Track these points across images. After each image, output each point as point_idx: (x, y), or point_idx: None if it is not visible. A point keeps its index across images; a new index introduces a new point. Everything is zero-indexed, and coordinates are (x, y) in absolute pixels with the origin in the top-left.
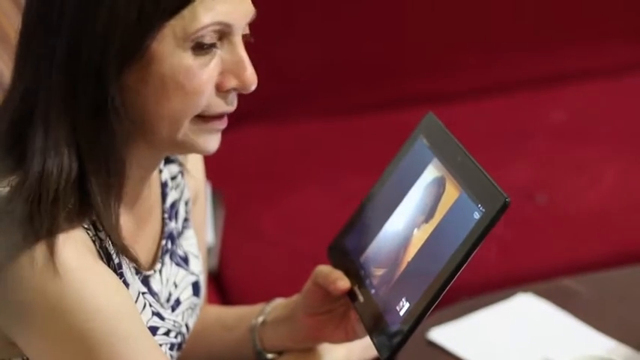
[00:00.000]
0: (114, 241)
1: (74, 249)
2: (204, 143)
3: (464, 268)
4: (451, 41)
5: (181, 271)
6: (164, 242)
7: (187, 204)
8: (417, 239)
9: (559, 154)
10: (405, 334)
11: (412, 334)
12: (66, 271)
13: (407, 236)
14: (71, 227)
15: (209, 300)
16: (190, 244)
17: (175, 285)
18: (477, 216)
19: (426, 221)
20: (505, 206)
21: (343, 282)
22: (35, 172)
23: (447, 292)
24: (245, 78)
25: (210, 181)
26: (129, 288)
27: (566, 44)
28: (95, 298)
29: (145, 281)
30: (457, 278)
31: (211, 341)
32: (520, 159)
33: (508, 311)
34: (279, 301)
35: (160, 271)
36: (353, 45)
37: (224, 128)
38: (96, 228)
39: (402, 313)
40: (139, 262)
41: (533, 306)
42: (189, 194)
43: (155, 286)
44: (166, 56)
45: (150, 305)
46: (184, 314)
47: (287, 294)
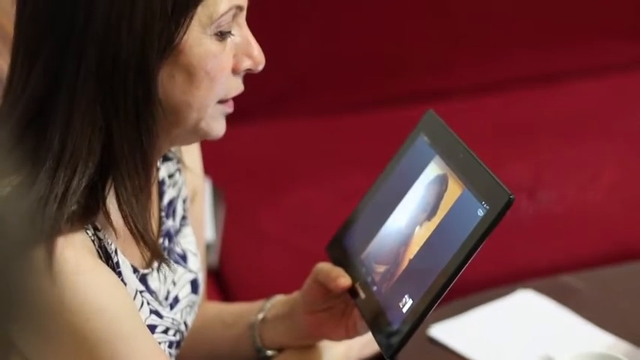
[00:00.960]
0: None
1: (74, 250)
2: (218, 127)
3: (467, 265)
4: (450, 38)
5: (180, 269)
6: (161, 241)
7: (185, 202)
8: (419, 237)
9: (559, 152)
10: (408, 332)
11: (415, 331)
12: (66, 273)
13: (409, 234)
14: (72, 230)
15: (209, 296)
16: (188, 242)
17: (174, 283)
18: (481, 213)
19: (428, 219)
20: (509, 203)
21: (344, 279)
22: (47, 175)
23: (449, 289)
24: (255, 57)
25: (211, 178)
26: (126, 286)
27: (565, 42)
28: (95, 298)
29: (143, 280)
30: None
31: (211, 338)
32: (520, 156)
33: (508, 308)
34: (279, 298)
35: (158, 270)
36: (353, 42)
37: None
38: (95, 227)
39: (405, 311)
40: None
41: (533, 303)
42: (186, 192)
43: (153, 285)
44: (194, 45)
45: (148, 303)
46: (183, 312)
47: (287, 291)
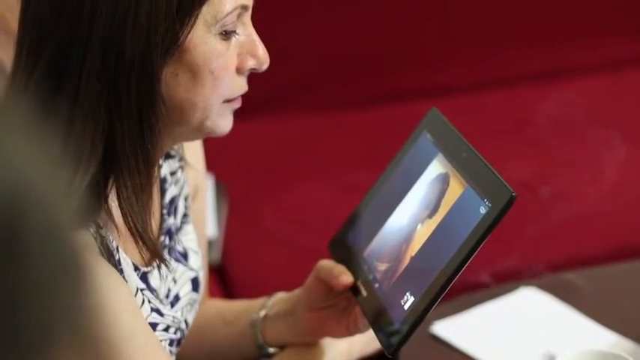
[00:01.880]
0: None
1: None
2: (225, 125)
3: (469, 263)
4: (452, 35)
5: (180, 267)
6: (162, 238)
7: (187, 199)
8: (421, 234)
9: (560, 149)
10: (410, 329)
11: (417, 329)
12: None
13: (411, 231)
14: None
15: (211, 293)
16: (189, 240)
17: (174, 281)
18: (483, 211)
19: (430, 216)
20: (512, 201)
21: (346, 276)
22: None
23: (450, 287)
24: (260, 56)
25: (213, 175)
26: (127, 284)
27: (567, 39)
28: (97, 296)
29: (144, 278)
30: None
31: (212, 335)
32: (521, 153)
33: (511, 305)
34: (280, 295)
35: (159, 267)
36: (354, 39)
37: None
38: (97, 225)
39: (407, 308)
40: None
41: (536, 300)
42: (188, 189)
43: (154, 283)
44: (199, 44)
45: (149, 301)
46: (183, 310)
47: (289, 287)
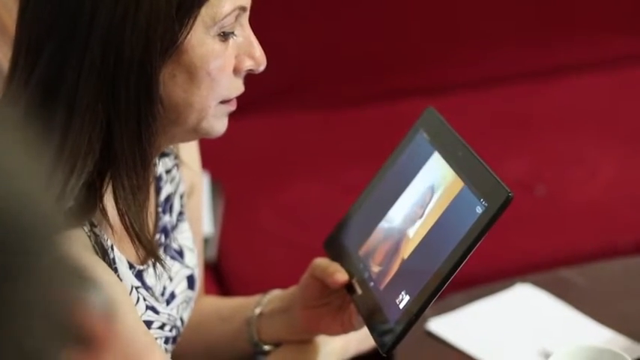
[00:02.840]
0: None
1: (69, 246)
2: (220, 126)
3: (465, 262)
4: (449, 33)
5: (176, 265)
6: (157, 236)
7: (182, 197)
8: (417, 233)
9: (557, 147)
10: (405, 327)
11: (412, 327)
12: None
13: (406, 230)
14: (69, 227)
15: (207, 290)
16: (185, 238)
17: (170, 278)
18: (480, 210)
19: (426, 215)
20: (508, 201)
21: (341, 274)
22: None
23: (446, 286)
24: (257, 57)
25: (209, 172)
26: (122, 282)
27: (562, 37)
28: None
29: (139, 275)
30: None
31: (208, 332)
32: (518, 151)
33: (506, 302)
34: (276, 293)
35: (154, 265)
36: (352, 36)
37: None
38: (91, 224)
39: (402, 306)
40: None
41: (531, 296)
42: (184, 187)
43: (149, 281)
44: (197, 46)
45: (144, 299)
46: (179, 308)
47: (285, 285)
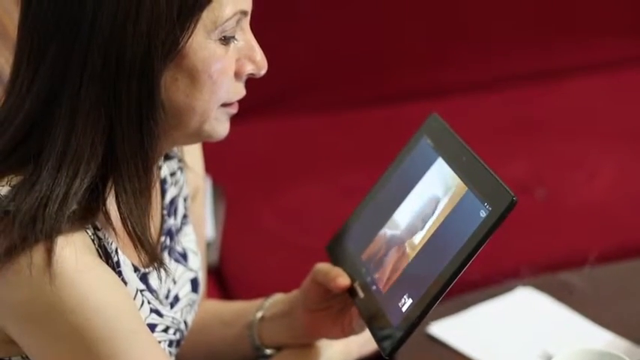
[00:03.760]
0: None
1: (73, 249)
2: (222, 129)
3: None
4: (450, 35)
5: (180, 268)
6: (162, 239)
7: (186, 200)
8: (420, 237)
9: (557, 149)
10: (407, 331)
11: (414, 331)
12: (65, 271)
13: (410, 234)
14: (72, 230)
15: (209, 294)
16: (189, 241)
17: (174, 281)
18: (484, 214)
19: (430, 219)
20: (512, 205)
21: (343, 278)
22: (49, 175)
23: (449, 290)
24: (258, 61)
25: (211, 176)
26: (127, 285)
27: (563, 39)
28: (95, 297)
29: (144, 278)
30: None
31: (210, 337)
32: (518, 153)
33: (508, 305)
34: (278, 297)
35: (158, 270)
36: (352, 39)
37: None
38: (95, 227)
39: (405, 310)
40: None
41: (532, 300)
42: (188, 190)
43: (153, 283)
44: (198, 50)
45: (148, 302)
46: (183, 311)
47: (287, 288)
